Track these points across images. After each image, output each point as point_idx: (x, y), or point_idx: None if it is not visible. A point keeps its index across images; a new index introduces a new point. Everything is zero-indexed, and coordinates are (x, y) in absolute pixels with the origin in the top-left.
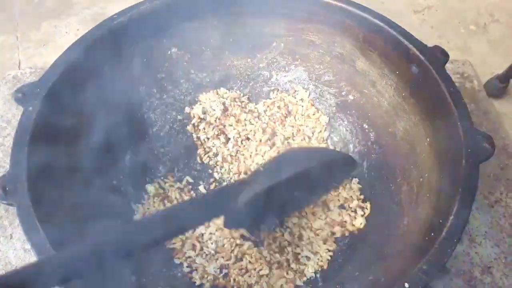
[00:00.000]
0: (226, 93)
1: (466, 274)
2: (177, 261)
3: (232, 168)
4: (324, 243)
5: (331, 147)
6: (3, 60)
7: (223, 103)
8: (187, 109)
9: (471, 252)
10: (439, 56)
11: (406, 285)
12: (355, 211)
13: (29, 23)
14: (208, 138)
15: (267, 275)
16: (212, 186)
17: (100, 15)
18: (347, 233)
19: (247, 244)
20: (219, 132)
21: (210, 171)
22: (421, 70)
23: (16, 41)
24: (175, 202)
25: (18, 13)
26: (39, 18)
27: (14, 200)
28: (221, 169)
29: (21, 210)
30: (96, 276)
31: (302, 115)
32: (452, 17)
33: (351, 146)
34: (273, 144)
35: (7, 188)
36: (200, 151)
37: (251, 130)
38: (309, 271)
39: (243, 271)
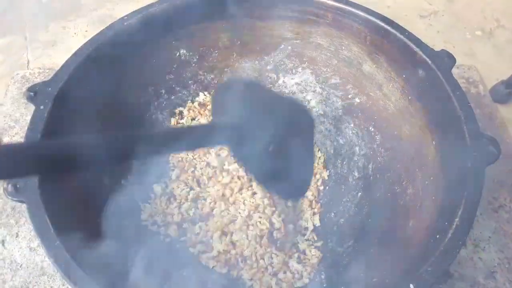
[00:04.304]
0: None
1: (469, 279)
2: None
3: None
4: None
5: (337, 150)
6: (12, 60)
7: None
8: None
9: (474, 257)
10: (446, 60)
11: (411, 286)
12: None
13: (37, 24)
14: None
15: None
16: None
17: (108, 16)
18: None
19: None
20: None
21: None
22: (428, 74)
23: (25, 41)
24: (181, 201)
25: (27, 14)
26: (47, 19)
27: (25, 197)
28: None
29: (31, 207)
30: None
31: None
32: (458, 23)
33: (357, 148)
34: None
35: (17, 185)
36: None
37: None
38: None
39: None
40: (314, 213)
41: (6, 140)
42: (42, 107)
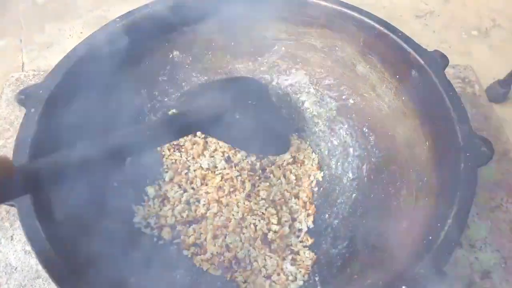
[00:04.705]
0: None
1: (465, 279)
2: (185, 253)
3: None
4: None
5: (331, 151)
6: (6, 62)
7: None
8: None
9: (470, 257)
10: (439, 60)
11: None
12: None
13: (33, 26)
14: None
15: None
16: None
17: (103, 18)
18: None
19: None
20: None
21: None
22: (421, 74)
23: (20, 43)
24: (174, 203)
25: (22, 16)
26: (43, 21)
27: (16, 201)
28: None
29: (22, 211)
30: None
31: None
32: (454, 22)
33: (350, 149)
34: None
35: None
36: None
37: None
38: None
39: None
40: (308, 215)
41: (0, 143)
42: (33, 110)
